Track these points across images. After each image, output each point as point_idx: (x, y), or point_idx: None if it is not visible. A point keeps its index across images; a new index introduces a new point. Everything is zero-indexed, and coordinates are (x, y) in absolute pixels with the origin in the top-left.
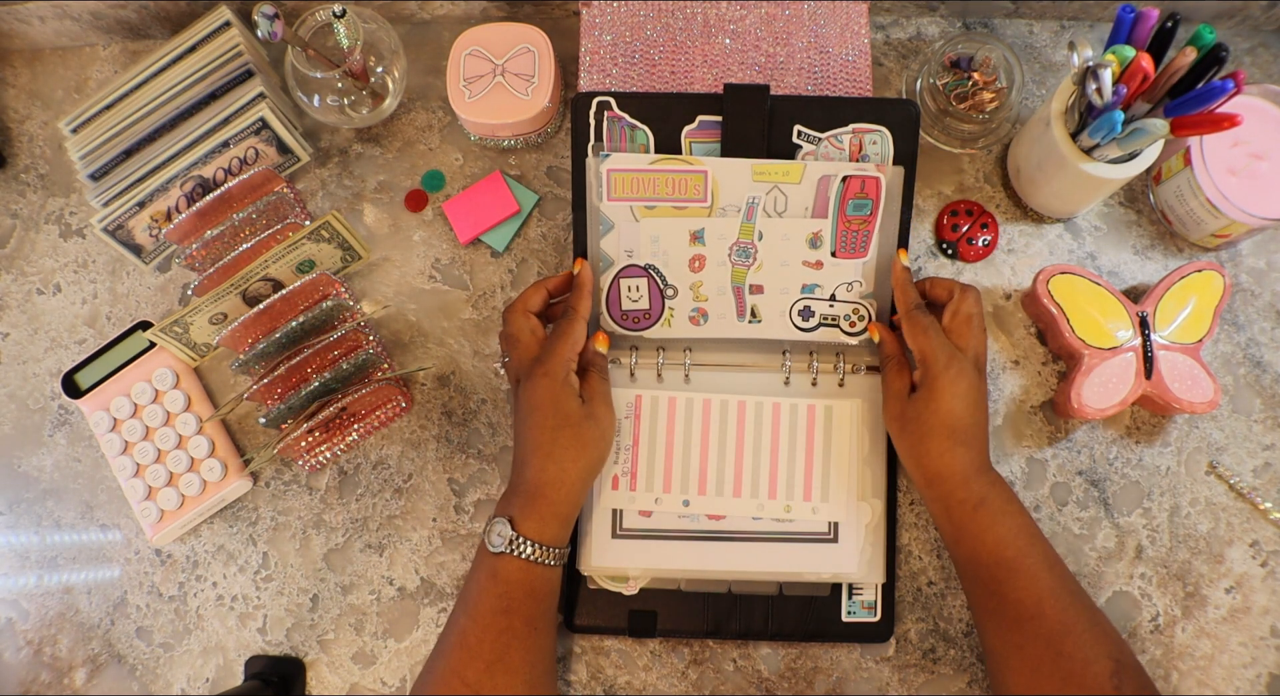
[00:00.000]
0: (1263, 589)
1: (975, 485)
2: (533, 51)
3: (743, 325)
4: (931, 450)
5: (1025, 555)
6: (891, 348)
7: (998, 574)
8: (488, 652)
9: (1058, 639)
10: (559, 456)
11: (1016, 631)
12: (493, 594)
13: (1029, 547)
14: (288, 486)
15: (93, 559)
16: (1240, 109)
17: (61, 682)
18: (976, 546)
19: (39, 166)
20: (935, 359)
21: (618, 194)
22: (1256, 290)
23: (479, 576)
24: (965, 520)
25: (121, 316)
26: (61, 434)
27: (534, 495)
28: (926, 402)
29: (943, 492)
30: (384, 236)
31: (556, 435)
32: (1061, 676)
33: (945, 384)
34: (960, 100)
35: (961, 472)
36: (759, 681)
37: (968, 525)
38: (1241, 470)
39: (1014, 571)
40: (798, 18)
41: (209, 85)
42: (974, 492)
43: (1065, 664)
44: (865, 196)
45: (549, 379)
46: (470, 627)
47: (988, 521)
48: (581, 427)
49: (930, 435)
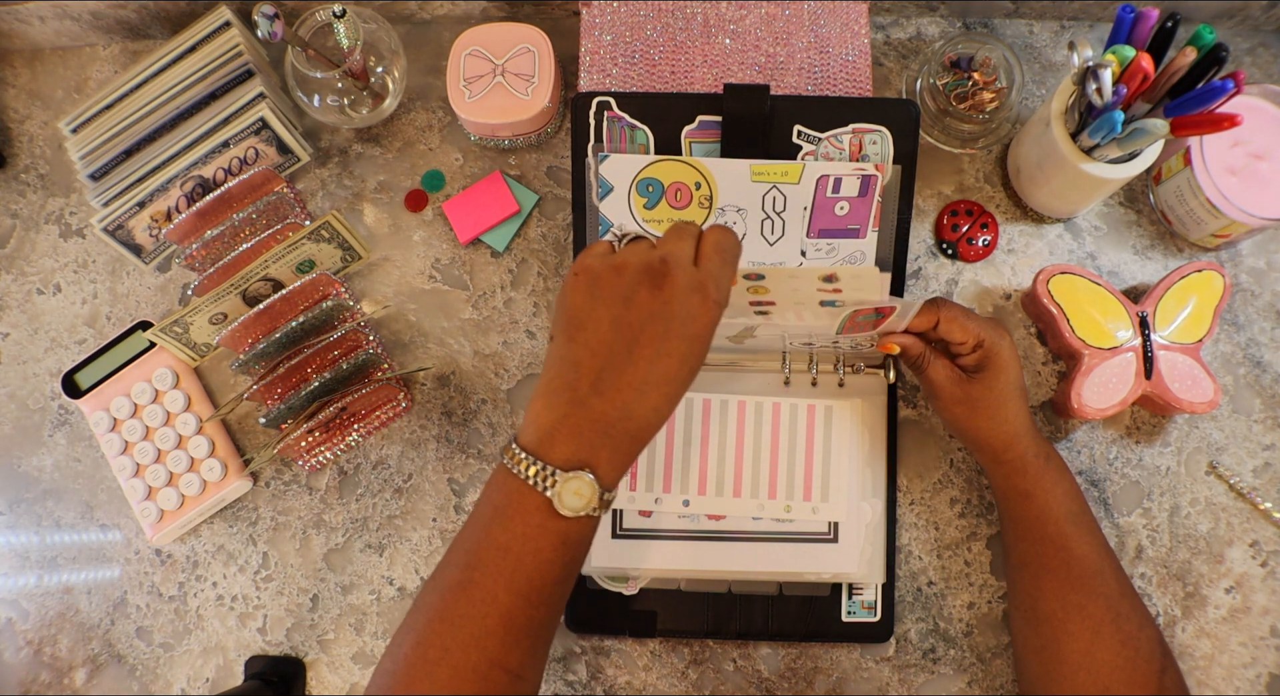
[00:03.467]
0: (1263, 589)
1: (1041, 439)
2: (533, 51)
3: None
4: (1010, 415)
5: (1087, 510)
6: (916, 346)
7: (1066, 528)
8: (535, 631)
9: (1117, 599)
10: (675, 395)
11: (1080, 589)
12: (559, 565)
13: (1086, 503)
14: (288, 486)
15: (93, 559)
16: (1240, 109)
17: (61, 682)
18: (1049, 500)
19: (39, 166)
20: (987, 334)
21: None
22: (1256, 290)
23: (539, 545)
24: (1040, 473)
25: (121, 316)
26: (61, 434)
27: (634, 438)
28: (998, 374)
29: (1019, 452)
30: (384, 236)
31: (692, 376)
32: (1120, 639)
33: (1005, 350)
34: (960, 100)
35: (1031, 428)
36: (759, 681)
37: (1042, 479)
38: (1241, 470)
39: (1080, 525)
40: (798, 18)
41: (209, 85)
42: (1044, 446)
43: (1124, 626)
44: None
45: (720, 309)
46: (520, 608)
47: (1057, 474)
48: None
49: (1007, 402)
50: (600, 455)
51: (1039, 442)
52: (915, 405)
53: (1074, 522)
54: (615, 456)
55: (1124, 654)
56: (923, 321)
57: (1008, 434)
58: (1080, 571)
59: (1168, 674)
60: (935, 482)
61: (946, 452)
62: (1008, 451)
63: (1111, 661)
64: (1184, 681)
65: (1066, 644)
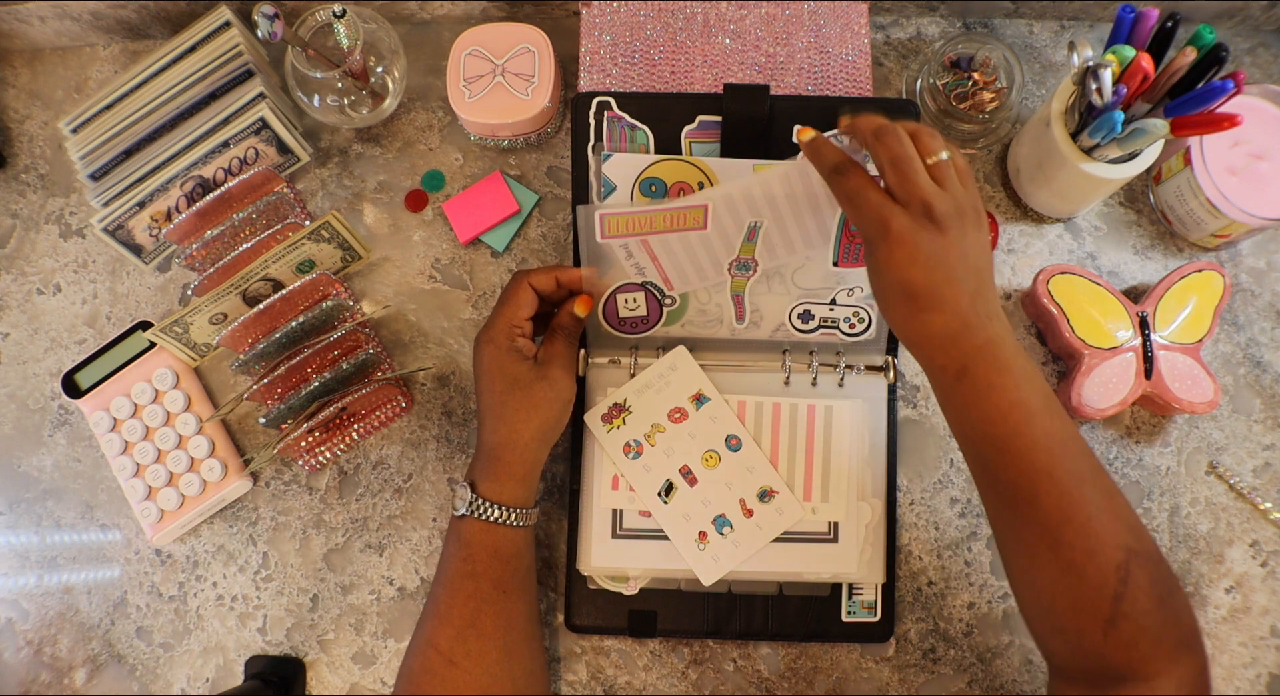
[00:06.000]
0: (1263, 589)
1: (955, 351)
2: (533, 51)
3: (742, 328)
4: (895, 318)
5: (1016, 434)
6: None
7: (985, 452)
8: (457, 618)
9: (1055, 527)
10: (509, 418)
11: (1010, 513)
12: (459, 557)
13: (1022, 425)
14: (288, 486)
15: (93, 559)
16: (1240, 109)
17: (61, 682)
18: (961, 421)
19: (39, 166)
20: (865, 233)
21: (611, 233)
22: (1256, 290)
23: (447, 542)
24: (948, 390)
25: (121, 316)
26: (61, 434)
27: (491, 457)
28: (874, 276)
29: (922, 359)
30: (384, 236)
31: (505, 398)
32: (1060, 566)
33: (882, 257)
34: (960, 100)
35: (938, 338)
36: (759, 681)
37: (951, 397)
38: (1241, 470)
39: (1002, 451)
40: (798, 18)
41: (209, 85)
42: (953, 360)
43: (1065, 553)
44: None
45: (492, 345)
46: (441, 594)
47: (970, 395)
48: (532, 389)
49: (889, 305)
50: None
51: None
52: (915, 405)
53: (994, 447)
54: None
55: (1066, 579)
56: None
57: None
58: (1009, 497)
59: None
60: (935, 482)
61: (946, 452)
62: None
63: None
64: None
65: (1009, 560)
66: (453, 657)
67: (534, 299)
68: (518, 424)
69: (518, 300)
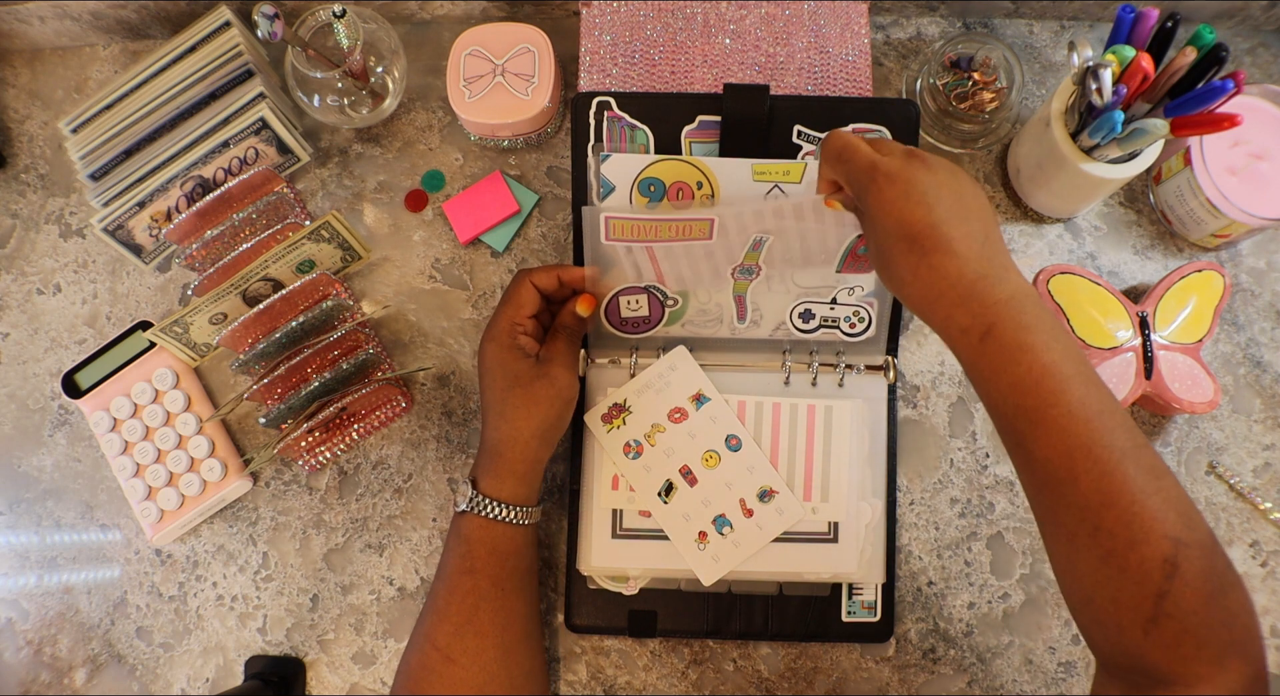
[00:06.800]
0: (1263, 589)
1: (976, 305)
2: (533, 51)
3: (742, 327)
4: (903, 272)
5: (1051, 404)
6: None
7: (1018, 425)
8: (455, 614)
9: (1095, 511)
10: (510, 416)
11: (1048, 493)
12: (458, 553)
13: (1057, 394)
14: (288, 486)
15: (93, 559)
16: (1240, 109)
17: (61, 682)
18: (990, 392)
19: (39, 166)
20: (856, 188)
21: (616, 236)
22: (1256, 290)
23: (448, 539)
24: (974, 356)
25: (121, 316)
26: (61, 434)
27: (492, 454)
28: (871, 232)
29: (940, 322)
30: (384, 236)
31: (506, 396)
32: (1100, 554)
33: (873, 201)
34: (960, 100)
35: (954, 290)
36: (759, 681)
37: (977, 363)
38: (1241, 470)
39: (1035, 424)
40: (798, 18)
41: (209, 85)
42: (976, 317)
43: (1105, 541)
44: None
45: (494, 343)
46: (440, 590)
47: (999, 358)
48: (533, 387)
49: (892, 258)
50: (476, 469)
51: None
52: (915, 405)
53: (1027, 419)
54: (484, 468)
55: (1106, 569)
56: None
57: (915, 295)
58: (1044, 476)
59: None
60: (935, 482)
61: (946, 453)
62: (930, 320)
63: (1091, 575)
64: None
65: (1049, 543)
66: (450, 654)
67: (536, 297)
68: (518, 421)
69: (520, 298)
